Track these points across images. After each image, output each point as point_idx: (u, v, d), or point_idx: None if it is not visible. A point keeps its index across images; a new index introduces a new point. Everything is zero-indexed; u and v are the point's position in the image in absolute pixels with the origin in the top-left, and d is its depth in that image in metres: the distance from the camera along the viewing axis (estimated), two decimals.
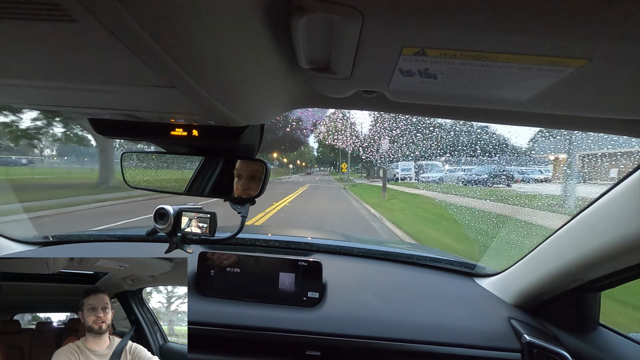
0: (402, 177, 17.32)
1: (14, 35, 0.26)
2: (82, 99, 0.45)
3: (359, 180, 25.43)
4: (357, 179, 27.88)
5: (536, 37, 0.29)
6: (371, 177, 23.42)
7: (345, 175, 27.48)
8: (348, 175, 27.78)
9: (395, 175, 17.66)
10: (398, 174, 17.57)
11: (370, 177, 23.32)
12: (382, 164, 14.32)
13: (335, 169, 50.60)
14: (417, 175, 16.70)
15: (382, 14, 0.28)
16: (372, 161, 17.55)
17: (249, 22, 0.30)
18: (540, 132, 8.68)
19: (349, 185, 18.62)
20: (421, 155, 13.45)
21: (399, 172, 17.55)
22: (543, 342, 0.80)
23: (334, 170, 56.96)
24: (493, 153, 12.03)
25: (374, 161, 17.18)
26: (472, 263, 1.16)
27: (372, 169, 23.06)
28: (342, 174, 28.55)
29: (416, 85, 0.43)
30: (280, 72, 0.44)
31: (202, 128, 0.59)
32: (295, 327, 0.88)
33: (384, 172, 11.72)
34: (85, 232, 1.32)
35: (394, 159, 14.88)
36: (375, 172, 19.53)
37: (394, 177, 17.70)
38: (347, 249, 1.21)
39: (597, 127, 0.59)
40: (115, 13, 0.21)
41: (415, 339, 0.86)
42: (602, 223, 0.64)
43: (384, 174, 11.51)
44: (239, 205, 0.76)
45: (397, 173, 17.66)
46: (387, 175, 14.64)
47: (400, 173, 17.48)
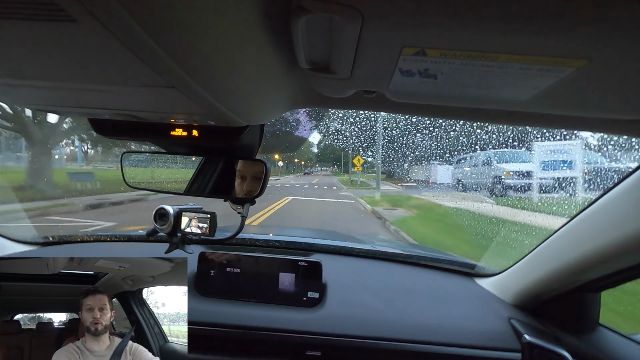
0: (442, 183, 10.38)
1: (14, 36, 0.26)
2: (82, 99, 0.44)
3: (372, 183, 15.52)
4: (369, 180, 18.70)
5: (536, 37, 0.29)
6: (397, 179, 15.78)
7: (357, 175, 17.80)
8: (358, 176, 18.20)
9: (428, 179, 11.70)
10: (434, 177, 11.07)
11: (397, 180, 15.52)
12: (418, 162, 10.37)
13: (340, 169, 40.75)
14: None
15: (382, 14, 0.28)
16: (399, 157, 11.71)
17: (249, 22, 0.30)
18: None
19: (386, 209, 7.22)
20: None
21: (436, 174, 10.83)
22: (543, 342, 0.79)
23: (337, 169, 45.69)
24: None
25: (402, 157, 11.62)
26: (472, 263, 1.15)
27: (398, 167, 14.43)
28: (354, 175, 18.96)
29: (416, 85, 0.43)
30: (280, 72, 0.44)
31: (202, 128, 0.59)
32: (296, 327, 0.88)
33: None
34: (86, 232, 1.32)
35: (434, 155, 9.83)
36: (406, 173, 13.58)
37: (420, 181, 12.40)
38: (347, 249, 1.21)
39: (597, 127, 0.59)
40: (115, 13, 0.21)
41: (416, 339, 0.86)
42: (602, 223, 0.64)
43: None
44: (239, 205, 0.76)
45: (432, 176, 11.16)
46: (412, 177, 12.03)
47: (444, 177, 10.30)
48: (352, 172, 18.75)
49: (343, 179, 23.61)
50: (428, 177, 12.01)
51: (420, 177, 12.84)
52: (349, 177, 20.19)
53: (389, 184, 15.24)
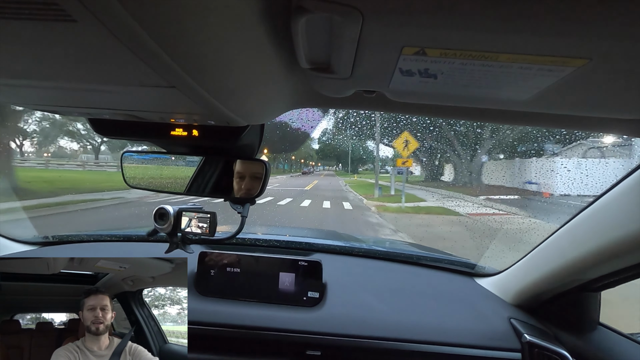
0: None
1: (14, 35, 0.26)
2: (82, 99, 0.44)
3: (416, 192, 9.03)
4: (412, 187, 10.42)
5: (536, 37, 0.29)
6: (467, 187, 8.59)
7: (404, 172, 8.22)
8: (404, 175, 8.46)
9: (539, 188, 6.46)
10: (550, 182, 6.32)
11: (469, 190, 8.44)
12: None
13: (345, 168, 34.39)
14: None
15: (382, 14, 0.28)
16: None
17: (249, 22, 0.30)
18: None
19: None
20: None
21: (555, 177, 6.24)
22: (543, 342, 0.80)
23: (342, 169, 39.72)
24: None
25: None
26: (473, 263, 1.16)
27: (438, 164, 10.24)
28: (383, 177, 11.50)
29: (416, 85, 0.43)
30: (280, 72, 0.44)
31: (202, 128, 0.59)
32: (296, 327, 0.88)
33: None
34: (86, 232, 1.32)
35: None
36: (467, 173, 8.13)
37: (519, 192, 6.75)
38: (347, 249, 1.21)
39: (597, 127, 0.59)
40: (115, 13, 0.21)
41: (415, 339, 0.86)
42: (602, 223, 0.64)
43: None
44: (239, 205, 0.76)
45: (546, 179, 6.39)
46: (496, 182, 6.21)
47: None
48: (358, 172, 12.60)
49: (355, 183, 15.53)
50: (534, 183, 6.36)
51: (516, 182, 6.83)
52: (374, 182, 10.27)
53: (457, 195, 8.09)
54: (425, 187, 9.83)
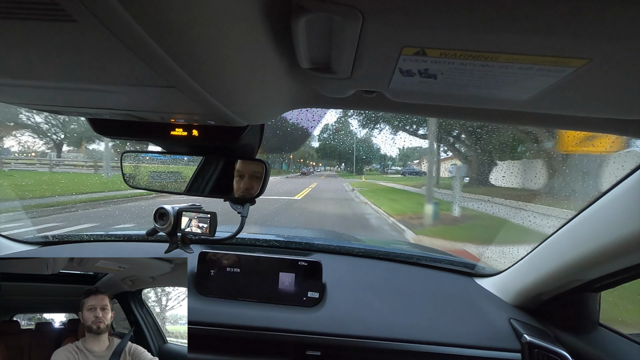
0: None
1: (14, 35, 0.26)
2: (82, 99, 0.44)
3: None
4: (457, 196, 5.99)
5: (536, 37, 0.29)
6: (490, 188, 6.43)
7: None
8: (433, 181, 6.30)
9: None
10: None
11: (497, 191, 5.95)
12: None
13: (348, 168, 31.51)
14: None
15: (382, 14, 0.28)
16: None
17: (249, 22, 0.30)
18: None
19: None
20: None
21: None
22: (543, 342, 0.80)
23: (345, 169, 36.75)
24: None
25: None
26: (472, 263, 1.15)
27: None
28: (416, 179, 8.22)
29: (416, 85, 0.43)
30: (280, 72, 0.44)
31: (202, 128, 0.59)
32: (295, 327, 0.88)
33: None
34: (86, 232, 1.32)
35: None
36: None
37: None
38: (347, 249, 1.21)
39: (597, 127, 0.59)
40: (115, 13, 0.21)
41: (416, 339, 0.86)
42: (602, 223, 0.64)
43: None
44: (239, 205, 0.76)
45: None
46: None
47: None
48: (364, 173, 8.13)
49: (366, 187, 11.67)
50: None
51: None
52: (390, 186, 6.69)
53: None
54: (486, 196, 6.22)
